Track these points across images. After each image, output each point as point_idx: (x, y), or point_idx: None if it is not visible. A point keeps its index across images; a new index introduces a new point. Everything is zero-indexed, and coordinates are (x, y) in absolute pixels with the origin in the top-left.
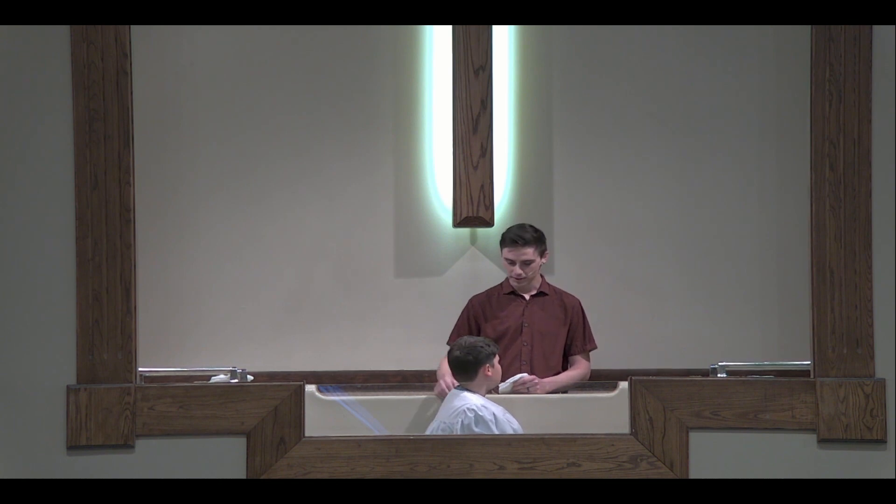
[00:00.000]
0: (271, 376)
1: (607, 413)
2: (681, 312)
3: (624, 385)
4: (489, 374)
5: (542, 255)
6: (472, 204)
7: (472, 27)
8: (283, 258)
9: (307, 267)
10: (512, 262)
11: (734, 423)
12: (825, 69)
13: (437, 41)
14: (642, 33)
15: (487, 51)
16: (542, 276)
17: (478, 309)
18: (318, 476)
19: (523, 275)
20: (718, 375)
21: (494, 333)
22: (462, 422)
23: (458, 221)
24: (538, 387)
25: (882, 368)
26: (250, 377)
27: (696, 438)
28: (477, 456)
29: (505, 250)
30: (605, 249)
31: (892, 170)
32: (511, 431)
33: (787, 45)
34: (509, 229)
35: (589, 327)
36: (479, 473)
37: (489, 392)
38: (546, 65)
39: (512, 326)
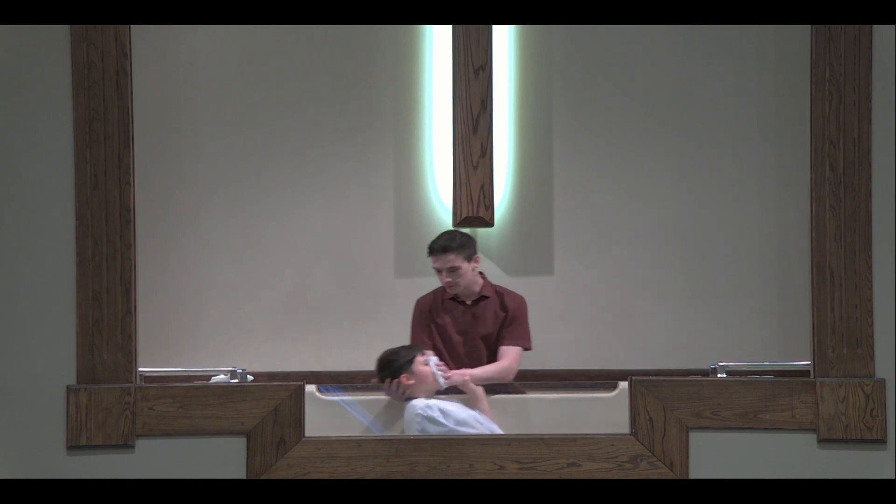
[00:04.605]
0: (271, 376)
1: (607, 413)
2: (681, 312)
3: (624, 385)
4: (410, 381)
5: (469, 259)
6: (472, 204)
7: (472, 27)
8: (283, 258)
9: (307, 267)
10: (439, 271)
11: (734, 423)
12: (825, 69)
13: (437, 41)
14: (642, 33)
15: (487, 51)
16: (484, 278)
17: (426, 310)
18: (318, 476)
19: (452, 282)
20: (718, 375)
21: (438, 339)
22: (418, 431)
23: (458, 221)
24: (452, 379)
25: (882, 368)
26: (250, 377)
27: (696, 438)
28: (477, 456)
29: (430, 259)
30: (605, 249)
31: (892, 170)
32: (473, 419)
33: (787, 45)
34: (435, 239)
35: (527, 326)
36: (479, 473)
37: (436, 393)
38: (546, 65)
39: (453, 333)
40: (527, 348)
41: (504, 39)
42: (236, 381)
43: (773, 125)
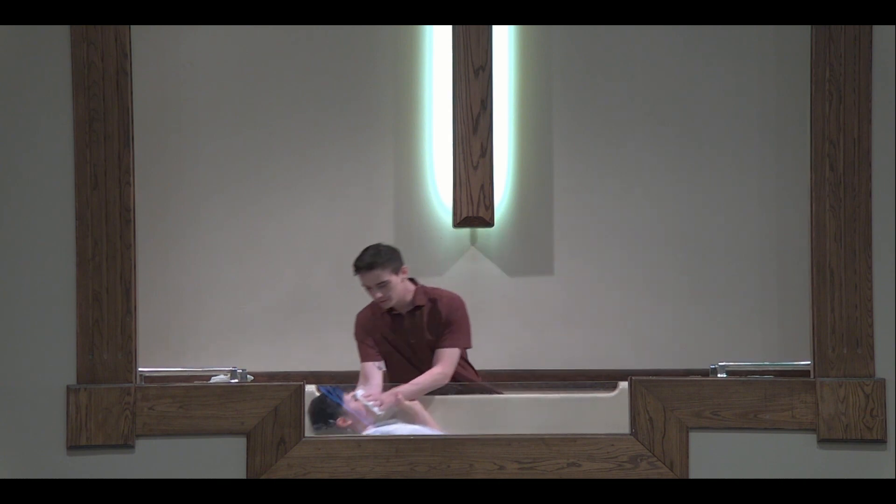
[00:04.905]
0: (271, 376)
1: (607, 413)
2: (681, 312)
3: (624, 385)
4: (347, 423)
5: (396, 272)
6: (472, 204)
7: (472, 27)
8: (283, 258)
9: (307, 267)
10: (368, 287)
11: (734, 423)
12: (825, 69)
13: (437, 41)
14: (642, 33)
15: (487, 51)
16: (416, 284)
17: (369, 325)
18: (318, 476)
19: (383, 297)
20: (718, 375)
21: (387, 349)
22: None
23: (458, 221)
24: (383, 404)
25: (882, 368)
26: (250, 377)
27: (696, 438)
28: (477, 456)
29: (357, 278)
30: (605, 249)
31: (892, 170)
32: (418, 433)
33: (787, 45)
34: (358, 256)
35: (464, 326)
36: (479, 473)
37: (376, 421)
38: (546, 65)
39: (397, 345)
40: (466, 347)
41: (504, 39)
42: (236, 381)
43: (773, 125)
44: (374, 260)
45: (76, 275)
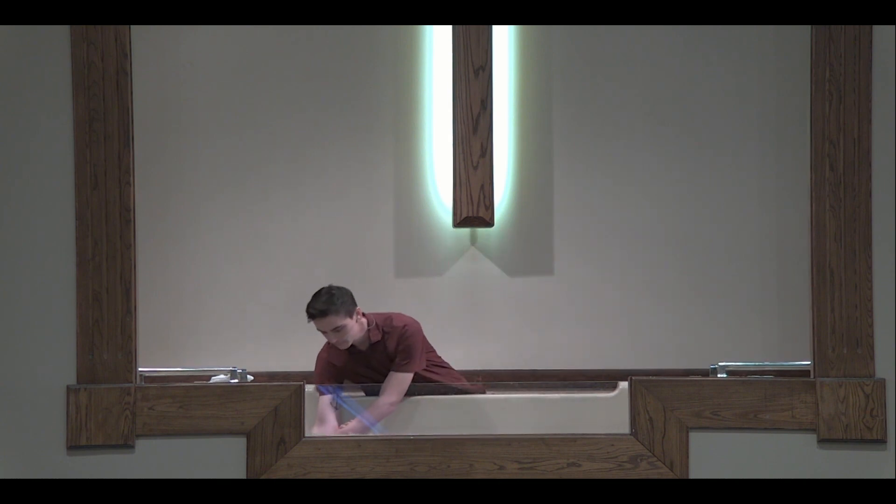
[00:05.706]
0: (271, 376)
1: (607, 413)
2: (681, 312)
3: (624, 385)
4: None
5: (350, 315)
6: (472, 204)
7: (472, 27)
8: (283, 258)
9: (307, 267)
10: (324, 332)
11: (734, 423)
12: (825, 69)
13: (437, 41)
14: (642, 33)
15: (487, 51)
16: (369, 319)
17: (329, 362)
18: (318, 476)
19: (340, 340)
20: (718, 375)
21: (349, 383)
22: None
23: (458, 221)
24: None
25: (882, 368)
26: (250, 377)
27: (696, 438)
28: (477, 456)
29: (312, 323)
30: (605, 249)
31: (892, 170)
32: None
33: (787, 45)
34: (309, 302)
35: (415, 351)
36: (479, 473)
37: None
38: (546, 65)
39: (360, 377)
40: (417, 370)
41: (504, 39)
42: (236, 381)
43: (773, 125)
44: (328, 307)
45: (76, 275)
